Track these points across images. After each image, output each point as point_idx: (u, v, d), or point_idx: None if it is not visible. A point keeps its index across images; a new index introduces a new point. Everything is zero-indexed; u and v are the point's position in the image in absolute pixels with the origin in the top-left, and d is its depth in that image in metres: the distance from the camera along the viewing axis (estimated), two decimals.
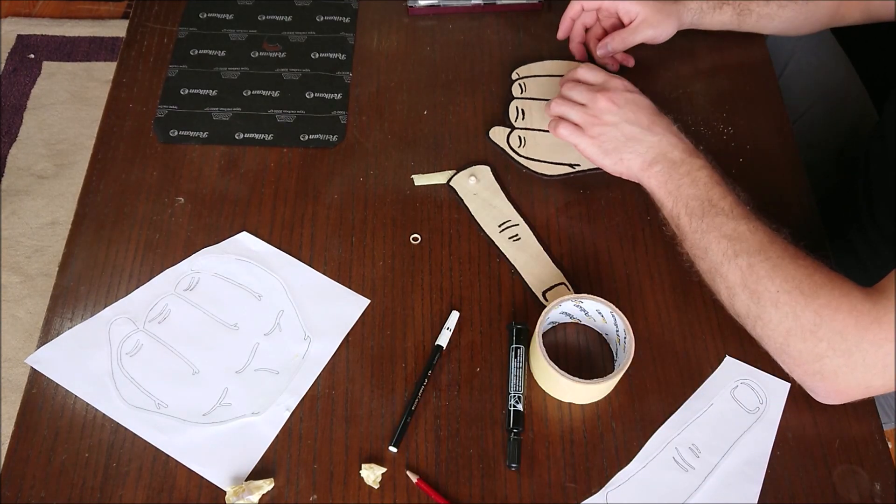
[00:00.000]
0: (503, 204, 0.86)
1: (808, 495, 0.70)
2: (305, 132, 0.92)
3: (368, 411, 0.74)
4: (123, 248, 0.83)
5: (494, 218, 0.85)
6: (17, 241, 1.68)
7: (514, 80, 0.96)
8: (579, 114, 0.82)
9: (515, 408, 0.73)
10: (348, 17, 1.02)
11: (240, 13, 1.02)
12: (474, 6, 1.02)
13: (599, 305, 0.74)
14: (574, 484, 0.71)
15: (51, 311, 0.79)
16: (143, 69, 0.97)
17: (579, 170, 0.87)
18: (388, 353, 0.77)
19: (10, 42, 1.97)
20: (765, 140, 0.91)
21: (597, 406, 0.75)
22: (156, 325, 0.79)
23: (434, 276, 0.82)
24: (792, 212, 0.86)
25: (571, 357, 0.77)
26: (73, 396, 0.74)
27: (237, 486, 0.69)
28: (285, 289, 0.81)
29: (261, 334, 0.79)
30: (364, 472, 0.70)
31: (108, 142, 0.91)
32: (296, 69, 0.97)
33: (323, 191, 0.87)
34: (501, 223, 0.85)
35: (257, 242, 0.84)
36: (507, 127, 0.92)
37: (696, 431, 0.73)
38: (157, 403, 0.74)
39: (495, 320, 0.79)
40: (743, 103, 0.94)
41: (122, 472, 0.71)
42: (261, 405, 0.74)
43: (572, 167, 0.87)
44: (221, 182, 0.88)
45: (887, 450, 0.73)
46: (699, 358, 0.77)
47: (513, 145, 0.90)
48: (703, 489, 0.71)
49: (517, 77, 0.96)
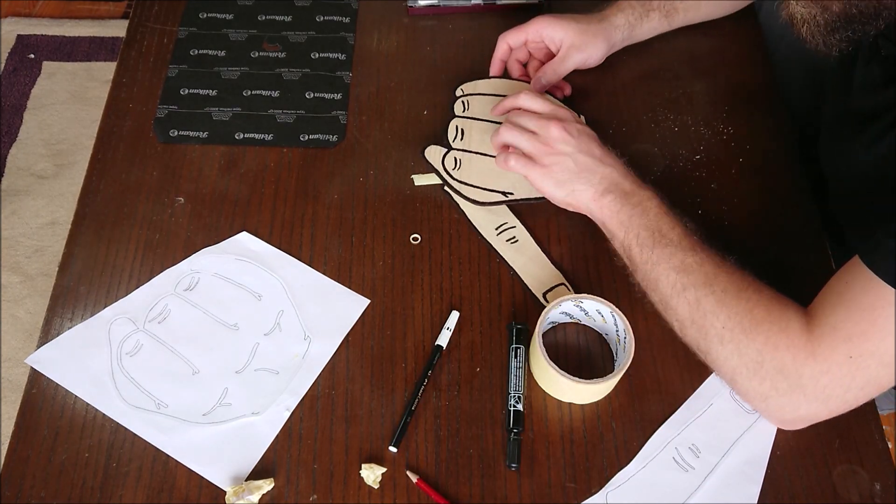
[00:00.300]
0: (500, 207, 0.86)
1: (808, 495, 0.70)
2: (305, 132, 0.92)
3: (368, 411, 0.74)
4: (123, 248, 0.83)
5: (491, 221, 0.85)
6: (17, 241, 1.68)
7: (457, 97, 0.93)
8: (531, 142, 0.79)
9: (515, 408, 0.73)
10: (348, 17, 1.02)
11: (240, 13, 1.02)
12: (474, 6, 1.02)
13: (599, 305, 0.74)
14: (574, 484, 0.71)
15: (51, 311, 0.79)
16: (143, 69, 0.97)
17: (512, 199, 0.85)
18: (388, 353, 0.77)
19: (10, 42, 1.97)
20: (765, 140, 0.91)
21: (597, 406, 0.75)
22: (156, 325, 0.79)
23: (434, 276, 0.82)
24: (792, 212, 0.86)
25: (571, 357, 0.77)
26: (73, 396, 0.74)
27: (237, 486, 0.69)
28: (285, 289, 0.81)
29: (261, 334, 0.79)
30: (364, 472, 0.70)
31: (108, 142, 0.91)
32: (296, 69, 0.97)
33: (323, 191, 0.87)
34: (498, 226, 0.84)
35: (257, 242, 0.84)
36: (445, 147, 0.89)
37: (695, 431, 0.73)
38: (157, 403, 0.74)
39: (495, 320, 0.79)
40: (743, 103, 0.94)
41: (122, 472, 0.71)
42: (261, 405, 0.74)
43: (505, 195, 0.85)
44: (221, 182, 0.88)
45: (887, 450, 0.73)
46: (699, 358, 0.77)
47: (447, 167, 0.87)
48: (703, 489, 0.71)
49: (461, 94, 0.93)
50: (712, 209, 0.86)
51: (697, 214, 0.85)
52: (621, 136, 0.91)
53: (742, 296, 0.69)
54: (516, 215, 0.85)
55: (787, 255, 0.83)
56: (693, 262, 0.71)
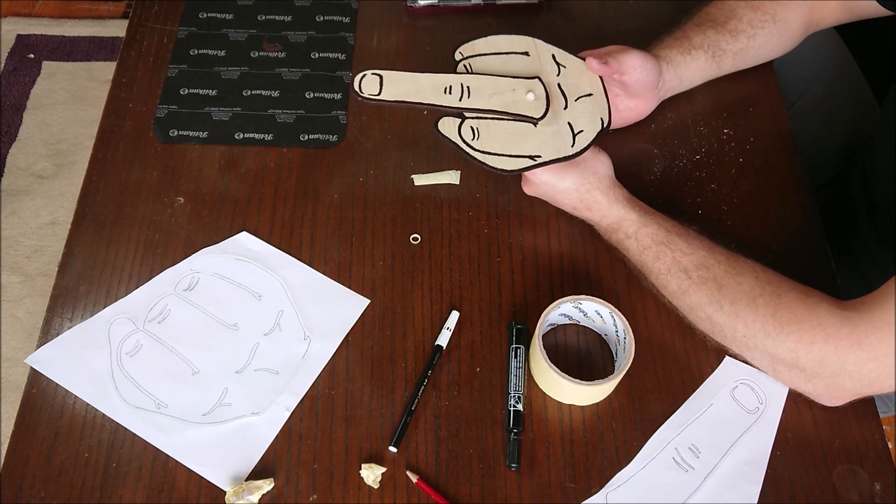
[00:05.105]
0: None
1: (808, 495, 0.70)
2: (305, 132, 0.92)
3: (368, 411, 0.74)
4: (123, 248, 0.83)
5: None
6: (17, 241, 1.68)
7: (458, 61, 0.86)
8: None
9: (515, 408, 0.73)
10: (348, 17, 1.02)
11: (240, 13, 1.02)
12: (474, 6, 1.02)
13: (598, 306, 0.74)
14: (574, 484, 0.71)
15: (51, 311, 0.79)
16: (142, 69, 0.97)
17: (541, 161, 0.78)
18: (388, 353, 0.77)
19: (9, 42, 1.97)
20: (765, 140, 0.91)
21: (597, 406, 0.75)
22: (156, 325, 0.79)
23: (434, 276, 0.82)
24: (792, 213, 0.86)
25: (571, 358, 0.77)
26: (72, 396, 0.74)
27: (237, 486, 0.69)
28: (285, 289, 0.81)
29: (261, 334, 0.78)
30: (364, 472, 0.70)
31: (107, 142, 0.91)
32: (296, 69, 0.97)
33: (323, 191, 0.87)
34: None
35: (257, 242, 0.84)
36: (457, 116, 0.81)
37: (695, 432, 0.73)
38: (156, 403, 0.74)
39: (495, 320, 0.79)
40: (743, 103, 0.94)
41: (121, 472, 0.71)
42: (261, 405, 0.74)
43: (533, 159, 0.78)
44: (221, 182, 0.88)
45: (887, 450, 0.73)
46: (699, 358, 0.77)
47: (465, 137, 0.80)
48: (703, 489, 0.71)
49: (461, 57, 0.86)
50: (712, 209, 0.86)
51: (697, 214, 0.86)
52: (621, 136, 0.91)
53: (758, 302, 0.70)
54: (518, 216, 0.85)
55: (787, 255, 0.83)
56: (689, 284, 0.73)
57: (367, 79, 0.82)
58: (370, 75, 0.82)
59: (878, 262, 0.91)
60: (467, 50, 0.86)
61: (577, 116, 0.81)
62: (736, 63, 0.90)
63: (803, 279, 0.71)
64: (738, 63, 0.90)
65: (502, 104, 0.81)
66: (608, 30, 1.01)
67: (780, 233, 0.85)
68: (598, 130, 0.80)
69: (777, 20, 0.88)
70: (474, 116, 0.81)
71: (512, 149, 0.79)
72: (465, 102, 0.81)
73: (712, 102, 0.94)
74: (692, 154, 0.90)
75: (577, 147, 0.79)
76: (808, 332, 0.67)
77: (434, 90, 0.82)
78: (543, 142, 0.79)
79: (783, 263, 0.77)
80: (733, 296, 0.71)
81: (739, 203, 0.87)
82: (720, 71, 0.90)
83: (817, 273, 0.81)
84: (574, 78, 0.84)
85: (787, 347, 0.68)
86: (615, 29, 1.00)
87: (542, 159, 0.78)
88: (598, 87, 0.84)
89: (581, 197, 0.79)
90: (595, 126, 0.81)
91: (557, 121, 0.81)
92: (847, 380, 0.67)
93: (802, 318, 0.68)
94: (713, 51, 0.88)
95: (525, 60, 0.85)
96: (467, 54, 0.86)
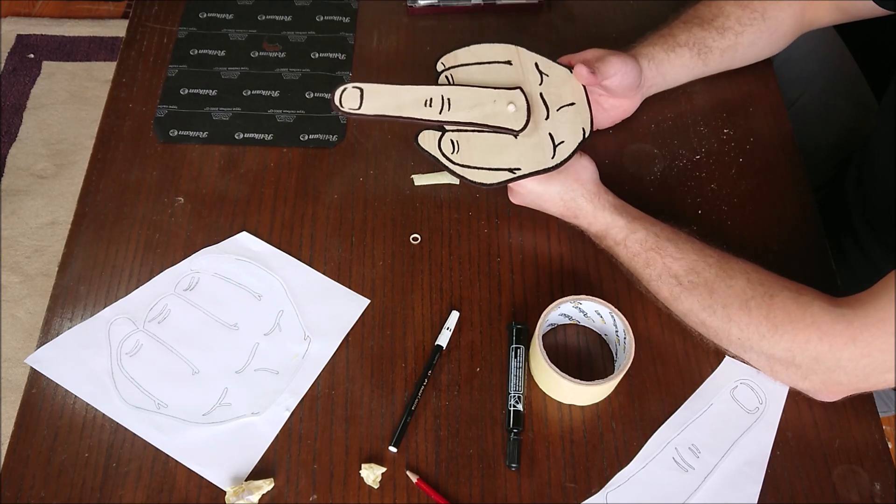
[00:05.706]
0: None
1: (808, 495, 0.70)
2: (305, 132, 0.92)
3: (368, 411, 0.74)
4: (123, 248, 0.83)
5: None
6: (17, 241, 1.68)
7: (439, 72, 0.85)
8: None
9: (515, 408, 0.73)
10: (348, 17, 1.02)
11: (240, 13, 1.02)
12: (474, 6, 1.02)
13: (598, 306, 0.74)
14: (574, 484, 0.71)
15: (51, 311, 0.79)
16: (142, 69, 0.97)
17: (521, 174, 0.78)
18: (388, 353, 0.77)
19: (9, 42, 1.97)
20: (764, 140, 0.91)
21: (597, 406, 0.75)
22: (155, 325, 0.79)
23: (434, 276, 0.82)
24: (792, 213, 0.86)
25: (571, 358, 0.77)
26: (72, 396, 0.74)
27: (237, 486, 0.69)
28: (285, 289, 0.81)
29: (261, 334, 0.79)
30: (364, 471, 0.70)
31: (108, 142, 0.91)
32: (296, 69, 0.97)
33: (323, 191, 0.87)
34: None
35: (257, 242, 0.84)
36: (437, 130, 0.81)
37: (695, 432, 0.73)
38: (156, 403, 0.74)
39: (495, 320, 0.79)
40: (743, 103, 0.94)
41: (121, 472, 0.71)
42: (261, 405, 0.74)
43: (512, 172, 0.78)
44: (221, 182, 0.88)
45: (887, 450, 0.73)
46: (699, 358, 0.77)
47: (445, 151, 0.80)
48: (703, 489, 0.71)
49: (443, 68, 0.85)
50: (712, 209, 0.86)
51: (697, 214, 0.86)
52: (621, 136, 0.91)
53: (750, 304, 0.70)
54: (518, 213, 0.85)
55: (787, 255, 0.83)
56: (680, 290, 0.73)
57: (348, 92, 0.81)
58: (350, 89, 0.81)
59: (873, 259, 0.91)
60: (449, 60, 0.86)
61: (558, 127, 0.81)
62: (724, 61, 0.90)
63: (803, 279, 0.71)
64: (728, 61, 0.90)
65: (482, 116, 0.80)
66: (608, 30, 1.01)
67: (779, 233, 0.85)
68: (579, 140, 0.80)
69: (767, 18, 0.88)
70: (454, 129, 0.81)
71: (492, 161, 0.79)
72: (446, 115, 0.80)
73: (712, 102, 0.94)
74: (692, 154, 0.90)
75: (558, 158, 0.78)
76: (802, 331, 0.67)
77: (415, 103, 0.81)
78: (523, 154, 0.79)
79: (783, 263, 0.77)
80: (725, 299, 0.71)
81: (739, 203, 0.87)
82: (707, 69, 0.90)
83: (817, 273, 0.81)
84: (557, 87, 0.84)
85: (783, 347, 0.68)
86: (615, 29, 1.00)
87: (521, 172, 0.78)
88: (580, 96, 0.83)
89: (566, 205, 0.79)
90: (576, 136, 0.80)
91: (538, 132, 0.80)
92: (843, 375, 0.67)
93: (796, 317, 0.68)
94: (699, 48, 0.87)
95: (507, 70, 0.85)
96: (449, 65, 0.85)
